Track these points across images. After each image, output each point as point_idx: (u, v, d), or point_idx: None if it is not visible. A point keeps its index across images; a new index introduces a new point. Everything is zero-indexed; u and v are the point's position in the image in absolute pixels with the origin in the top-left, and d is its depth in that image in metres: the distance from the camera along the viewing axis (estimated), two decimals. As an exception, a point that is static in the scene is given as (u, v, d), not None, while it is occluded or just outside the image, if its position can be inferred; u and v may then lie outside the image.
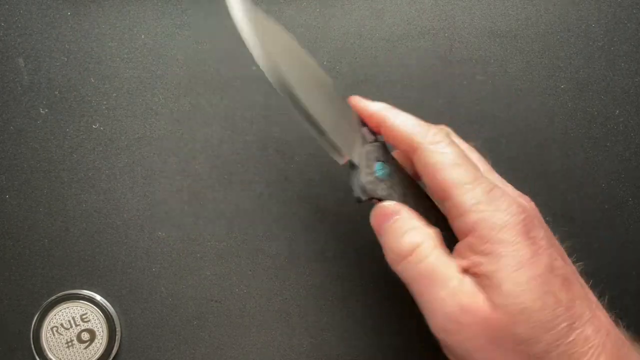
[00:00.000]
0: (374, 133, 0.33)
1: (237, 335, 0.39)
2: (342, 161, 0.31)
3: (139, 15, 0.40)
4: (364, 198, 0.31)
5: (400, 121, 0.31)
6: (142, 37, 0.40)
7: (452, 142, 0.30)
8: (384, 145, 0.32)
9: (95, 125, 0.40)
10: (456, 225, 0.29)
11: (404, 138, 0.31)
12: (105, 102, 0.40)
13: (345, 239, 0.40)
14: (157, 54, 0.40)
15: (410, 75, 0.40)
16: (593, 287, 0.41)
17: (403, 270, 0.30)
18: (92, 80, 0.40)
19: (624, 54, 0.40)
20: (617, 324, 0.30)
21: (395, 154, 0.34)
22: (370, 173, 0.31)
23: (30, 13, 0.40)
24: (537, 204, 0.40)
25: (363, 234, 0.40)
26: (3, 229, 0.39)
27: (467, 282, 0.28)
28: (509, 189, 0.32)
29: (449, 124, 0.40)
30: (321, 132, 0.30)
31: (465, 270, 0.29)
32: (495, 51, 0.40)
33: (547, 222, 0.40)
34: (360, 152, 0.31)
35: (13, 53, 0.40)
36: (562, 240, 0.31)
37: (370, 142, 0.32)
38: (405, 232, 0.30)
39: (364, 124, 0.33)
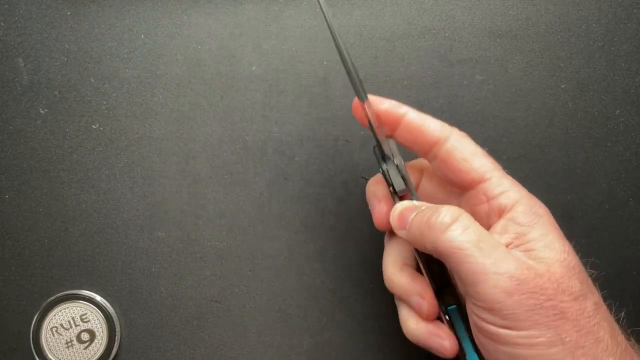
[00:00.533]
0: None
1: (237, 335, 0.39)
2: (365, 100, 0.32)
3: (139, 15, 0.40)
4: (401, 188, 0.33)
5: (421, 117, 0.33)
6: (142, 37, 0.40)
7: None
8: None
9: (95, 125, 0.40)
10: (496, 202, 0.31)
11: (431, 130, 0.32)
12: (105, 102, 0.40)
13: (345, 239, 0.40)
14: (157, 54, 0.40)
15: (410, 75, 0.40)
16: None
17: (444, 242, 0.29)
18: (92, 80, 0.40)
19: (624, 53, 0.40)
20: None
21: None
22: (403, 166, 0.33)
23: (30, 13, 0.40)
24: (537, 204, 0.40)
25: (363, 234, 0.40)
26: (3, 229, 0.39)
27: (512, 251, 0.29)
28: None
29: (449, 124, 0.40)
30: (351, 71, 0.32)
31: (506, 246, 0.30)
32: (495, 51, 0.40)
33: (547, 222, 0.40)
34: (390, 144, 0.33)
35: (13, 53, 0.40)
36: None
37: (389, 138, 0.33)
38: (439, 209, 0.30)
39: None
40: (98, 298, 0.39)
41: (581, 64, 0.40)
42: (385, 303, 0.40)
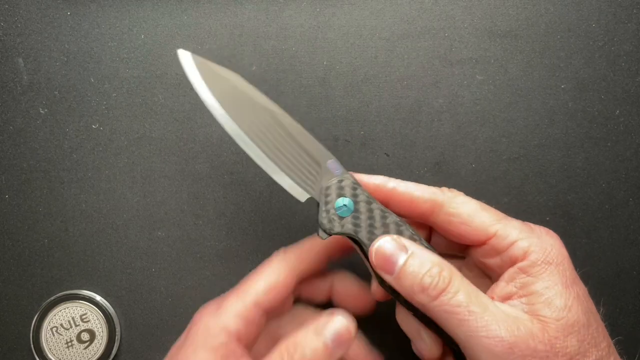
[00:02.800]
0: (342, 166, 0.32)
1: (237, 336, 0.40)
2: (302, 199, 0.31)
3: (139, 15, 0.40)
4: (323, 237, 0.30)
5: (412, 188, 0.32)
6: (142, 37, 0.40)
7: (466, 196, 0.32)
8: (351, 178, 0.31)
9: (95, 125, 0.40)
10: (506, 255, 0.30)
11: (424, 200, 0.31)
12: (105, 102, 0.40)
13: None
14: (157, 54, 0.40)
15: (410, 75, 0.40)
16: (594, 288, 0.41)
17: (436, 306, 0.28)
18: (92, 80, 0.40)
19: (624, 53, 0.40)
20: None
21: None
22: (328, 210, 0.30)
23: (30, 13, 0.40)
24: (537, 204, 0.40)
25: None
26: (3, 229, 0.39)
27: (505, 307, 0.29)
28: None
29: (449, 124, 0.40)
30: (275, 172, 0.30)
31: (508, 297, 0.29)
32: (495, 51, 0.40)
33: (546, 222, 0.40)
34: (321, 189, 0.31)
35: (13, 53, 0.40)
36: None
37: (336, 176, 0.31)
38: (430, 268, 0.29)
39: (331, 157, 0.32)
40: (98, 298, 0.39)
41: (581, 64, 0.40)
42: (386, 302, 0.40)
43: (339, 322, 0.30)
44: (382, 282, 0.31)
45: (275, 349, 0.29)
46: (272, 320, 0.34)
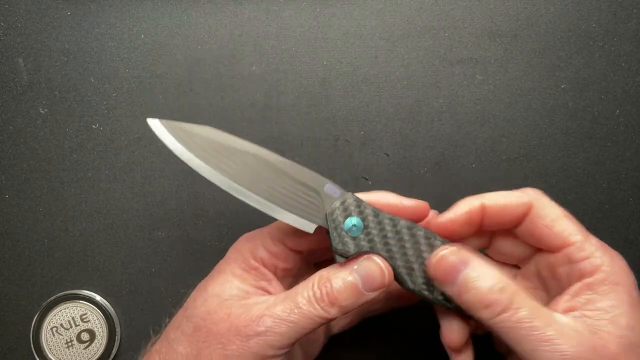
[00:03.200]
0: (340, 188, 0.31)
1: (237, 335, 0.39)
2: (311, 230, 0.30)
3: (139, 15, 0.40)
4: (342, 260, 0.30)
5: (501, 196, 0.32)
6: (142, 37, 0.40)
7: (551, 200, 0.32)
8: (352, 196, 0.31)
9: (95, 125, 0.40)
10: (577, 267, 0.30)
11: (517, 205, 0.31)
12: (105, 102, 0.40)
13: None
14: (157, 54, 0.40)
15: (410, 75, 0.40)
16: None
17: (499, 322, 0.29)
18: (92, 80, 0.40)
19: (624, 53, 0.40)
20: None
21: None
22: (339, 234, 0.30)
23: (30, 13, 0.40)
24: (537, 204, 0.40)
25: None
26: (3, 229, 0.39)
27: (567, 321, 0.29)
28: None
29: (449, 124, 0.40)
30: (278, 212, 0.30)
31: (571, 309, 0.30)
32: (495, 51, 0.40)
33: (547, 222, 0.40)
34: (327, 216, 0.30)
35: (13, 53, 0.40)
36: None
37: (337, 198, 0.31)
38: (492, 285, 0.29)
39: (326, 182, 0.31)
40: (98, 298, 0.39)
41: (581, 64, 0.40)
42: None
43: (373, 264, 0.30)
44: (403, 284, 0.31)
45: (309, 279, 0.30)
46: None
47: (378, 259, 0.30)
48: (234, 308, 0.30)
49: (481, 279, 0.29)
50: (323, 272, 0.30)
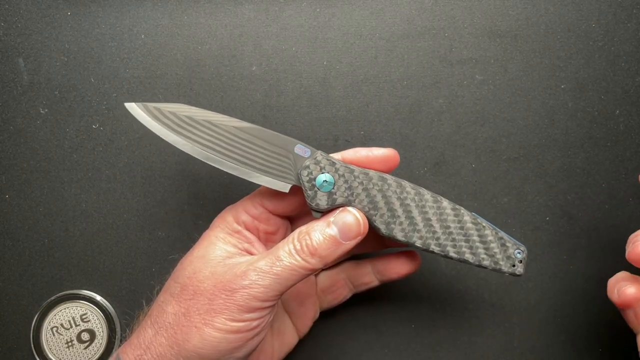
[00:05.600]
0: (309, 146, 0.33)
1: (237, 335, 0.39)
2: (286, 189, 0.32)
3: (139, 15, 0.40)
4: (319, 215, 0.32)
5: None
6: (142, 37, 0.40)
7: None
8: (322, 154, 0.32)
9: (95, 125, 0.40)
10: None
11: None
12: (105, 102, 0.40)
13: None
14: (157, 54, 0.40)
15: (410, 75, 0.40)
16: (594, 288, 0.41)
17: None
18: (92, 80, 0.40)
19: (624, 54, 0.40)
20: None
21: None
22: (313, 191, 0.32)
23: (30, 13, 0.40)
24: (537, 204, 0.40)
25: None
26: (3, 229, 0.39)
27: None
28: None
29: (449, 124, 0.40)
30: (252, 176, 0.32)
31: None
32: (495, 51, 0.40)
33: (546, 221, 0.40)
34: (299, 174, 0.32)
35: (13, 53, 0.40)
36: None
37: (307, 157, 0.32)
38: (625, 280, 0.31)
39: (296, 143, 0.33)
40: (98, 298, 0.39)
41: (581, 64, 0.40)
42: (386, 302, 0.40)
43: (349, 214, 0.31)
44: None
45: (289, 236, 0.32)
46: None
47: (354, 210, 0.32)
48: (218, 267, 0.31)
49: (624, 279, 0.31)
50: (302, 228, 0.32)
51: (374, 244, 0.37)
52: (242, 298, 0.30)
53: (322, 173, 0.32)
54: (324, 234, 0.31)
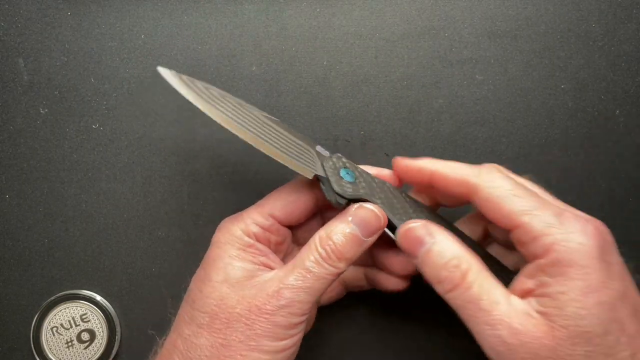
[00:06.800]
0: (327, 150, 0.34)
1: (237, 335, 0.39)
2: (310, 176, 0.32)
3: (139, 15, 0.40)
4: (342, 202, 0.32)
5: (450, 168, 0.32)
6: (142, 37, 0.40)
7: (506, 175, 0.31)
8: (341, 156, 0.33)
9: (95, 125, 0.40)
10: (527, 250, 0.29)
11: (459, 182, 0.31)
12: (105, 102, 0.40)
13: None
14: (157, 54, 0.40)
15: (410, 75, 0.40)
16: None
17: (451, 298, 0.29)
18: (92, 80, 0.40)
19: (624, 54, 0.40)
20: None
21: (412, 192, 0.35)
22: (339, 179, 0.32)
23: (30, 13, 0.40)
24: (537, 204, 0.40)
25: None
26: (3, 229, 0.39)
27: (517, 304, 0.28)
28: (580, 213, 0.31)
29: (449, 124, 0.40)
30: (280, 157, 0.31)
31: (528, 292, 0.29)
32: (495, 51, 0.40)
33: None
34: (322, 166, 0.32)
35: (13, 53, 0.40)
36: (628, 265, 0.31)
37: (329, 156, 0.33)
38: (448, 260, 0.29)
39: (317, 143, 0.34)
40: (98, 298, 0.39)
41: (581, 64, 0.40)
42: (386, 302, 0.40)
43: (366, 210, 0.31)
44: None
45: (309, 241, 0.31)
46: None
47: (370, 205, 0.31)
48: (245, 290, 0.30)
49: (440, 254, 0.29)
50: (321, 233, 0.31)
51: (364, 259, 0.36)
52: (282, 319, 0.29)
53: (345, 168, 0.32)
54: (346, 234, 0.30)
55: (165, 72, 0.31)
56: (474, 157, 0.40)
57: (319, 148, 0.34)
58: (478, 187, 0.30)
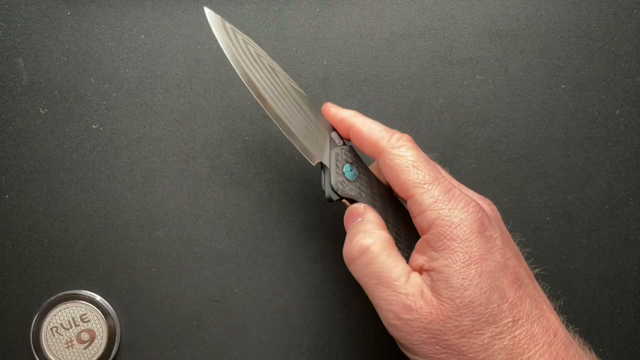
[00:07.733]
0: (343, 138, 0.34)
1: (237, 335, 0.39)
2: (313, 162, 0.33)
3: (139, 15, 0.40)
4: (334, 198, 0.32)
5: (367, 127, 0.33)
6: (142, 37, 0.40)
7: (414, 147, 0.32)
8: (352, 149, 0.34)
9: (95, 125, 0.40)
10: (417, 222, 0.31)
11: (371, 142, 0.32)
12: (105, 102, 0.40)
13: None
14: (157, 54, 0.40)
15: (410, 75, 0.40)
16: (594, 287, 0.41)
17: (353, 270, 0.31)
18: (92, 80, 0.40)
19: (624, 54, 0.40)
20: (567, 327, 0.31)
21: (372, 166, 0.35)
22: (340, 174, 0.32)
23: (30, 13, 0.40)
24: (537, 204, 0.40)
25: (363, 234, 0.40)
26: (3, 229, 0.39)
27: (414, 281, 0.30)
28: (470, 192, 0.33)
29: (449, 124, 0.40)
30: (291, 134, 0.32)
31: (420, 267, 0.30)
32: (495, 51, 0.40)
33: (547, 221, 0.40)
34: (329, 155, 0.33)
35: (13, 53, 0.40)
36: (523, 246, 0.32)
37: (339, 146, 0.33)
38: (358, 234, 0.31)
39: (333, 129, 0.34)
40: (98, 298, 0.39)
41: (581, 64, 0.40)
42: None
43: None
44: None
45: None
46: None
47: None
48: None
49: (354, 231, 0.31)
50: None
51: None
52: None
53: (350, 164, 0.33)
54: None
55: (210, 14, 0.32)
56: (474, 157, 0.40)
57: (333, 134, 0.34)
58: (384, 150, 0.31)
